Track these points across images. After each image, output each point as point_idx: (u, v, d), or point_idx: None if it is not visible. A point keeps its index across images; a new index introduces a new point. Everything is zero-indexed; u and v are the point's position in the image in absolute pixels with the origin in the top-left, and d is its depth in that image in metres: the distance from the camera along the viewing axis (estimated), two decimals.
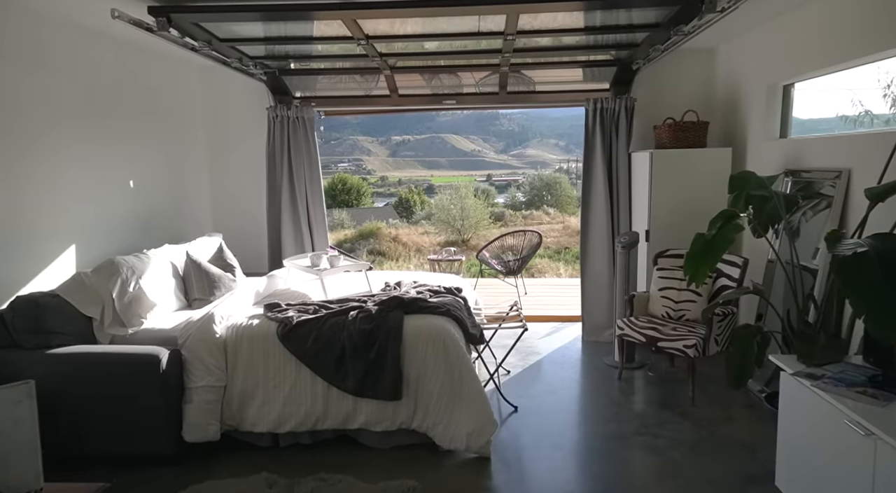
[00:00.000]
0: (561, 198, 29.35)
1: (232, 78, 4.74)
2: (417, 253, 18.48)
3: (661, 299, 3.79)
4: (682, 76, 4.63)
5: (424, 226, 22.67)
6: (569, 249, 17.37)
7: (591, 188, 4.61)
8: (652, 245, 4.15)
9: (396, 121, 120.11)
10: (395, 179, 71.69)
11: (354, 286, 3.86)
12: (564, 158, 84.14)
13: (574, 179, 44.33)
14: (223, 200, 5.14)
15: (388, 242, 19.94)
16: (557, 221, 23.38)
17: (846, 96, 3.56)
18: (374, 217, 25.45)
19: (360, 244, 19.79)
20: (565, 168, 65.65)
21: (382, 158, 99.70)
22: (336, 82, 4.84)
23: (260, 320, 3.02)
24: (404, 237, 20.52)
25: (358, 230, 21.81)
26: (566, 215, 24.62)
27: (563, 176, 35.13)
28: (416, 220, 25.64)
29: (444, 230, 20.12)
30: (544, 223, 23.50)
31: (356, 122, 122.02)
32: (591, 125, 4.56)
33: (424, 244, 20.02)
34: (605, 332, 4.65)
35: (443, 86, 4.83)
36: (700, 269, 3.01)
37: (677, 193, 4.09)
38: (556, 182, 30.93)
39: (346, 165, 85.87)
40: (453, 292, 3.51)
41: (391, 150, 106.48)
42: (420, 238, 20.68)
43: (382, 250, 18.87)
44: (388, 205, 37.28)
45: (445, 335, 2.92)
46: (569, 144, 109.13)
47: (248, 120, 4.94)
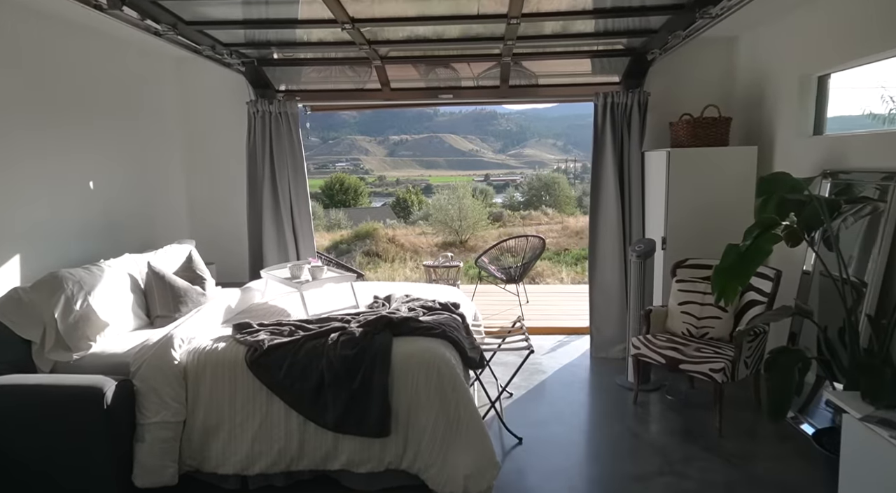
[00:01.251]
0: (560, 198, 29.05)
1: (209, 69, 4.34)
2: (414, 255, 18.11)
3: (682, 315, 3.41)
4: (699, 68, 4.24)
5: (422, 226, 22.36)
6: (568, 250, 17.02)
7: (601, 190, 4.22)
8: (668, 254, 3.77)
9: (394, 120, 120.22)
10: (392, 179, 71.38)
11: (340, 300, 3.46)
12: (562, 158, 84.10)
13: (572, 180, 44.05)
14: (201, 203, 4.74)
15: (384, 243, 19.58)
16: (556, 222, 23.07)
17: (874, 93, 3.20)
18: (371, 217, 25.07)
19: (357, 245, 19.42)
20: (563, 168, 65.49)
21: (380, 158, 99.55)
22: (326, 75, 4.45)
23: (227, 344, 2.62)
24: (401, 238, 20.16)
25: (354, 231, 21.46)
26: (565, 216, 24.32)
27: (561, 176, 34.82)
28: (414, 220, 25.31)
29: (441, 231, 19.79)
30: (543, 224, 23.17)
31: (354, 121, 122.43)
32: (601, 122, 4.17)
33: (422, 245, 19.64)
34: (616, 347, 4.26)
35: (438, 79, 4.44)
36: (731, 285, 2.63)
37: (697, 196, 3.71)
38: (554, 182, 30.62)
39: (343, 164, 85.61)
40: (450, 309, 3.12)
41: (389, 149, 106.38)
42: (417, 239, 20.33)
43: (379, 252, 18.51)
44: (385, 205, 36.89)
45: (440, 361, 2.53)
46: (567, 144, 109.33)
47: (228, 115, 4.54)
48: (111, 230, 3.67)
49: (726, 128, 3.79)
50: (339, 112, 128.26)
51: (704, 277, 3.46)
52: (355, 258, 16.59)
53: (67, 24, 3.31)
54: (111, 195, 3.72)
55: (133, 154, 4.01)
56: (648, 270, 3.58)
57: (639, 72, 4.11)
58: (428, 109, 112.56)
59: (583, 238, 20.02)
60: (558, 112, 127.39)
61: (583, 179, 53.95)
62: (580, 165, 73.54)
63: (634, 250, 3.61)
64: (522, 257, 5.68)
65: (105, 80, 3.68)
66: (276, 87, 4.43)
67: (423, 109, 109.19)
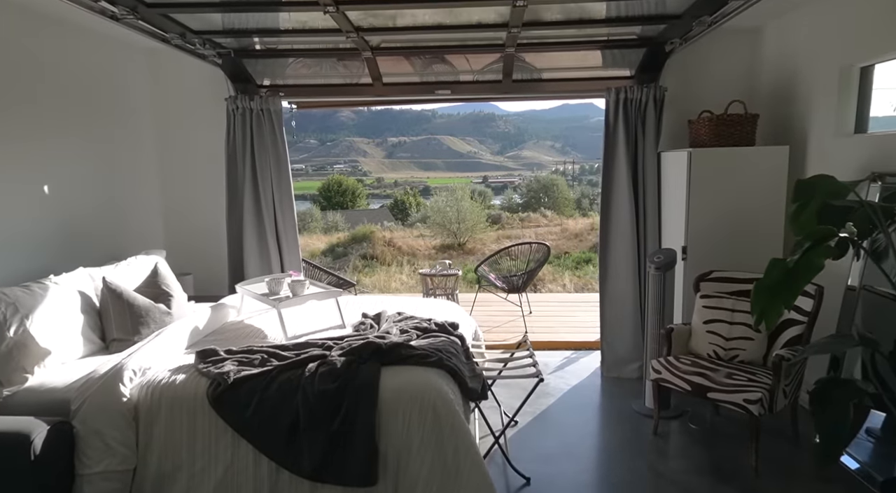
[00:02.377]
0: (558, 200, 28.81)
1: (185, 62, 3.97)
2: (412, 258, 17.77)
3: (708, 335, 3.04)
4: (718, 62, 3.88)
5: (420, 229, 22.06)
6: (569, 253, 16.69)
7: (612, 194, 3.86)
8: (689, 265, 3.41)
9: (392, 122, 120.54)
10: (391, 181, 71.24)
11: (325, 318, 3.09)
12: (560, 160, 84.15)
13: (570, 181, 43.86)
14: (177, 208, 4.36)
15: (381, 246, 19.26)
16: (555, 224, 22.79)
17: None
18: (368, 220, 24.73)
19: (353, 248, 19.08)
20: (562, 170, 65.39)
21: (378, 160, 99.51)
22: (316, 71, 4.08)
23: (187, 375, 2.25)
24: (399, 241, 19.85)
25: (351, 234, 21.14)
26: (564, 218, 24.06)
27: (560, 178, 34.58)
28: (412, 222, 25.01)
29: (439, 233, 19.50)
30: (542, 226, 22.87)
31: (352, 123, 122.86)
32: (613, 119, 3.81)
33: (419, 248, 19.31)
34: (630, 366, 3.89)
35: (435, 74, 4.07)
36: (774, 306, 2.26)
37: (720, 201, 3.35)
38: (553, 184, 30.37)
39: (341, 166, 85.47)
40: (447, 330, 2.74)
41: (387, 151, 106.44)
42: (415, 242, 20.01)
43: (376, 255, 18.18)
44: (383, 207, 36.59)
45: (436, 396, 2.16)
46: (565, 146, 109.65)
47: (207, 113, 4.17)
48: (70, 241, 3.29)
49: (753, 126, 3.43)
50: (337, 113, 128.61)
51: (733, 292, 3.09)
52: (350, 262, 16.22)
53: (20, 9, 2.94)
54: (71, 201, 3.34)
55: (99, 154, 3.63)
56: (668, 283, 3.22)
57: (654, 65, 3.75)
58: (426, 110, 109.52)
59: (582, 241, 19.71)
60: (556, 114, 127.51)
61: (581, 180, 53.85)
62: (578, 166, 73.65)
63: (653, 262, 3.24)
64: (526, 265, 5.31)
65: (63, 71, 3.31)
66: (258, 81, 4.06)
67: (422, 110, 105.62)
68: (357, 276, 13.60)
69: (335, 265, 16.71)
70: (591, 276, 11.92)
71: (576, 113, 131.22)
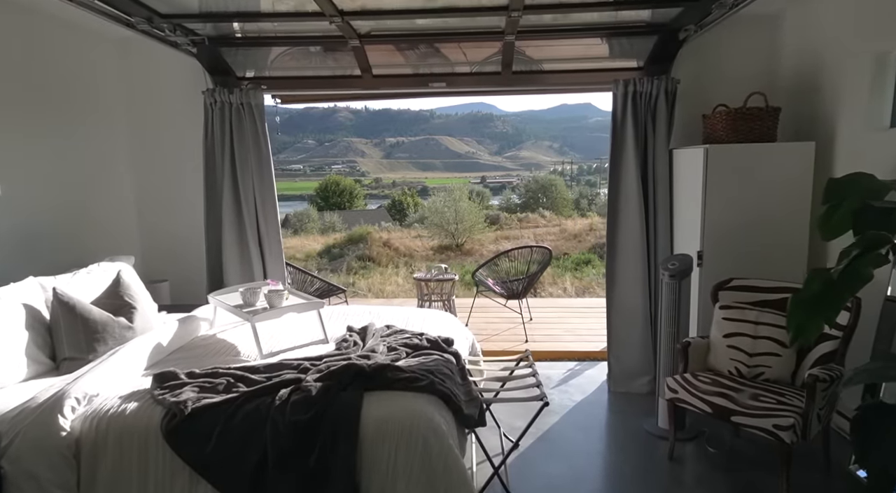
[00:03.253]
0: (557, 200, 28.62)
1: (159, 52, 3.69)
2: (409, 260, 17.52)
3: (728, 350, 2.75)
4: (734, 51, 3.60)
5: (417, 229, 21.83)
6: (568, 254, 16.44)
7: (620, 195, 3.57)
8: (706, 272, 3.12)
9: (390, 122, 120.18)
10: (389, 181, 71.08)
11: (306, 331, 2.80)
12: (559, 161, 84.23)
13: (569, 182, 43.73)
14: (152, 209, 4.07)
15: (378, 247, 19.01)
16: (554, 225, 22.60)
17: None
18: (365, 220, 24.45)
19: (350, 249, 18.81)
20: (560, 170, 65.36)
21: (377, 160, 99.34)
22: (305, 63, 3.79)
23: (140, 403, 1.96)
24: (396, 242, 19.61)
25: (347, 235, 20.89)
26: (562, 218, 23.87)
27: (558, 178, 34.40)
28: (409, 223, 24.79)
29: (437, 234, 19.27)
30: (540, 226, 22.66)
31: (350, 123, 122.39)
32: (620, 114, 3.52)
33: (417, 249, 19.05)
34: (639, 381, 3.61)
35: (428, 66, 3.79)
36: (814, 322, 1.96)
37: (739, 201, 3.07)
38: (551, 184, 30.17)
39: (339, 166, 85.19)
40: (440, 347, 2.46)
41: (385, 151, 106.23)
42: (412, 242, 19.77)
43: (372, 256, 17.93)
44: (381, 207, 36.34)
45: (427, 428, 1.87)
46: (563, 146, 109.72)
47: (184, 107, 3.88)
48: (26, 246, 3.00)
49: (774, 120, 3.15)
50: (336, 114, 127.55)
51: (755, 302, 2.81)
52: (345, 263, 15.94)
53: None
54: (29, 202, 3.04)
55: (64, 151, 3.34)
56: (684, 292, 2.94)
57: (666, 55, 3.47)
58: (424, 110, 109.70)
59: (581, 241, 19.46)
60: (555, 114, 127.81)
61: (579, 181, 53.80)
62: (576, 167, 73.74)
63: (667, 269, 2.96)
64: (527, 269, 5.02)
65: (22, 61, 3.01)
66: (238, 73, 3.77)
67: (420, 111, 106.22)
68: (352, 277, 13.33)
69: (331, 267, 16.45)
70: (591, 278, 11.66)
71: (574, 113, 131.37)
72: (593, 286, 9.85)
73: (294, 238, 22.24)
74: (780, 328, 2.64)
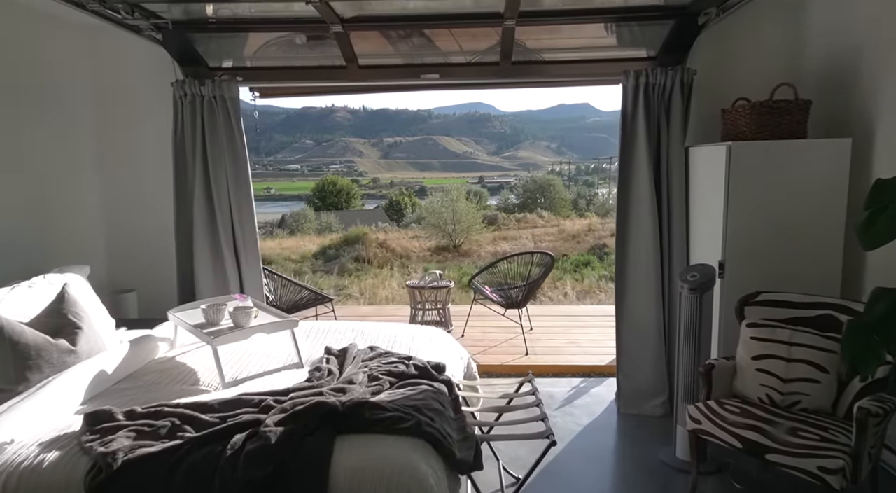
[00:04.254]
0: (555, 201, 28.42)
1: (125, 41, 3.35)
2: (406, 261, 17.23)
3: (758, 374, 2.43)
4: (755, 37, 3.28)
5: (414, 230, 21.55)
6: (567, 256, 16.15)
7: (632, 198, 3.24)
8: (728, 284, 2.80)
9: (388, 122, 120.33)
10: (386, 181, 70.92)
11: (279, 353, 2.46)
12: (556, 161, 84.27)
13: (567, 182, 43.58)
14: (118, 213, 3.72)
15: (374, 248, 18.73)
16: (552, 225, 22.37)
17: None
18: (363, 220, 24.14)
19: (346, 250, 18.51)
20: (557, 170, 65.29)
21: (374, 160, 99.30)
22: (285, 52, 3.46)
23: (63, 453, 1.62)
24: (393, 242, 19.35)
25: (343, 235, 20.60)
26: (561, 219, 23.65)
27: (556, 178, 34.19)
28: (407, 223, 24.53)
29: (434, 235, 19.01)
30: (539, 227, 22.40)
31: (348, 123, 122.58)
32: (631, 109, 3.19)
33: (413, 249, 18.77)
34: (652, 402, 3.28)
35: (420, 56, 3.46)
36: (875, 351, 1.65)
37: (766, 205, 2.74)
38: (549, 184, 29.95)
39: (337, 166, 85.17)
40: (430, 375, 2.12)
41: (383, 151, 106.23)
42: (409, 243, 19.51)
43: (368, 257, 17.65)
44: (378, 207, 36.04)
45: (411, 481, 1.54)
46: (560, 147, 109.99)
47: (154, 101, 3.54)
48: None
49: (804, 114, 2.82)
50: (333, 114, 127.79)
51: (788, 319, 2.48)
52: (339, 265, 15.64)
53: None
54: None
55: (18, 150, 3.00)
56: (706, 307, 2.61)
57: (682, 42, 3.14)
58: (422, 110, 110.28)
59: (580, 242, 19.17)
60: (552, 114, 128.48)
61: (577, 181, 53.65)
62: (574, 167, 73.70)
63: (687, 281, 2.63)
64: (528, 274, 4.69)
65: None
66: (211, 63, 3.43)
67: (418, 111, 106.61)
68: (347, 280, 13.02)
69: (326, 268, 16.14)
70: (591, 281, 11.35)
71: (571, 113, 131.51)
72: (594, 290, 9.53)
73: (290, 239, 21.98)
74: (818, 350, 2.31)
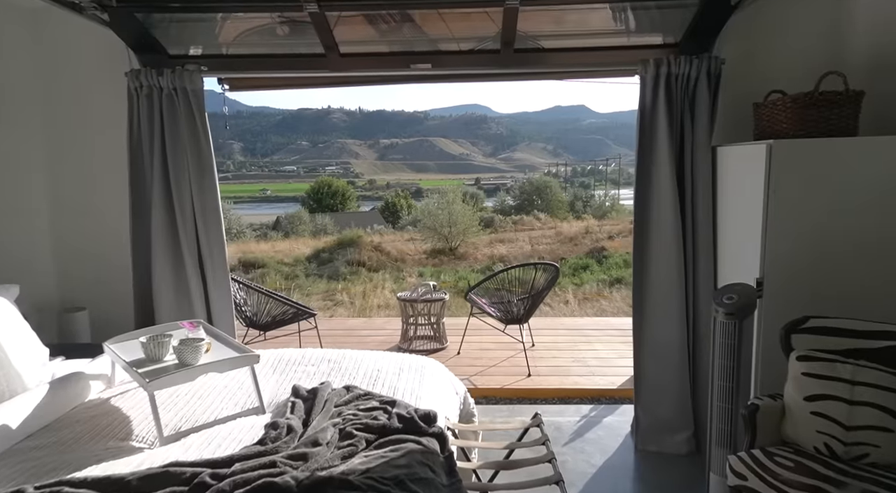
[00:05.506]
0: (552, 203, 28.15)
1: (76, 26, 2.94)
2: (400, 264, 16.87)
3: (813, 419, 2.02)
4: (792, 21, 2.88)
5: (410, 232, 21.21)
6: (565, 259, 15.80)
7: (651, 204, 2.84)
8: (768, 307, 2.39)
9: (385, 124, 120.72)
10: (383, 183, 70.65)
11: (236, 393, 2.04)
12: (553, 162, 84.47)
13: (563, 183, 43.39)
14: (69, 221, 3.30)
15: (369, 251, 18.37)
16: (549, 227, 22.07)
17: None
18: (359, 222, 23.75)
19: (339, 253, 18.13)
20: (554, 172, 65.27)
21: (371, 162, 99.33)
22: (263, 38, 3.05)
23: None
24: (388, 245, 19.00)
25: (337, 238, 20.23)
26: (558, 221, 23.37)
27: (552, 180, 33.92)
28: (402, 225, 24.20)
29: (430, 237, 18.70)
30: (536, 229, 22.09)
31: (344, 124, 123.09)
32: (650, 103, 2.79)
33: (409, 252, 18.41)
34: (675, 438, 2.88)
35: (408, 42, 3.05)
36: None
37: (813, 214, 2.35)
38: (546, 186, 29.69)
39: (333, 168, 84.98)
40: (418, 427, 1.71)
41: (379, 153, 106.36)
42: (405, 246, 19.16)
43: (363, 261, 17.29)
44: (374, 209, 35.68)
45: None
46: (556, 148, 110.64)
47: (107, 95, 3.11)
48: None
49: (856, 108, 2.43)
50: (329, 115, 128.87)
51: (848, 351, 2.08)
52: (330, 270, 15.25)
53: None
54: None
55: None
56: (745, 336, 2.20)
57: (710, 27, 2.75)
58: (419, 112, 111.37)
59: (577, 245, 18.81)
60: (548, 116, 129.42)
61: (573, 182, 53.51)
62: (570, 168, 73.76)
63: (723, 304, 2.22)
64: (529, 289, 4.28)
65: None
66: (171, 50, 3.01)
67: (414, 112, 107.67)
68: (340, 284, 12.62)
69: (319, 272, 15.73)
70: (591, 286, 10.98)
71: (567, 115, 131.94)
72: (597, 298, 9.14)
73: (284, 241, 21.62)
74: (888, 391, 1.91)
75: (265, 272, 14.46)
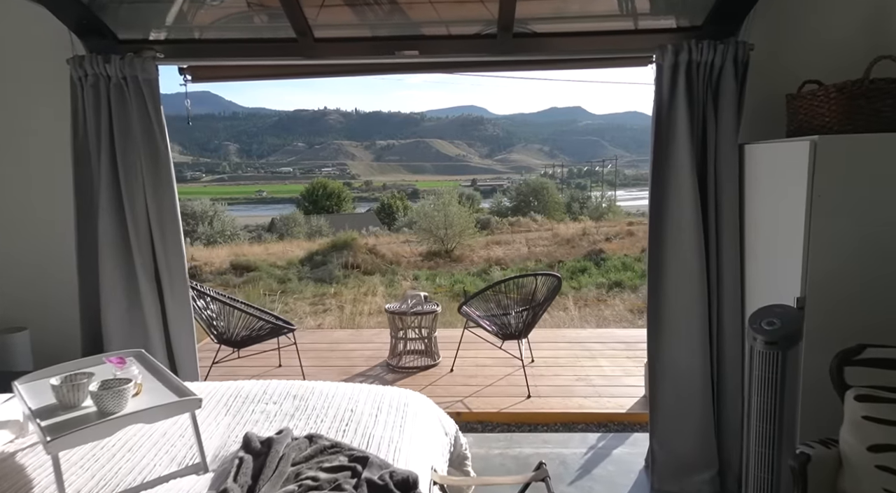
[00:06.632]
0: (549, 204, 28.01)
1: (11, 7, 2.57)
2: (395, 267, 16.55)
3: (879, 474, 1.66)
4: (825, 4, 2.54)
5: (406, 234, 20.92)
6: (563, 262, 15.49)
7: (668, 210, 2.48)
8: (812, 332, 2.03)
9: (381, 125, 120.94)
10: (379, 184, 70.35)
11: (174, 442, 1.67)
12: (549, 164, 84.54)
13: (559, 184, 43.25)
14: (7, 229, 2.92)
15: (363, 253, 18.05)
16: (546, 229, 21.83)
17: None
18: (354, 224, 23.40)
19: (333, 256, 17.79)
20: (550, 173, 65.13)
21: (367, 163, 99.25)
22: (230, 22, 2.70)
23: None
24: (383, 247, 18.69)
25: (331, 240, 19.89)
26: (554, 222, 23.15)
27: (549, 181, 33.76)
28: (398, 227, 23.92)
29: (426, 239, 18.44)
30: (532, 231, 21.84)
31: (340, 126, 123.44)
32: (668, 94, 2.43)
33: (404, 255, 18.10)
34: (697, 477, 2.51)
35: (390, 26, 2.69)
36: None
37: (868, 223, 1.99)
38: (542, 187, 29.56)
39: (330, 169, 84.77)
40: None
41: (376, 154, 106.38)
42: (400, 248, 18.86)
43: (357, 263, 16.98)
44: (369, 211, 35.31)
45: None
46: (553, 150, 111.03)
47: (49, 86, 2.74)
48: None
49: None
50: (326, 116, 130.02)
51: None
52: (321, 273, 14.90)
53: None
54: None
55: None
56: (790, 369, 1.84)
57: (736, 8, 2.39)
58: (415, 113, 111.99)
59: (574, 247, 18.50)
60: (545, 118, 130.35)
61: (569, 184, 53.37)
62: (566, 170, 73.72)
63: (762, 331, 1.86)
64: (529, 301, 3.91)
65: None
66: (120, 35, 2.64)
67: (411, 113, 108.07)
68: (334, 287, 12.26)
69: (313, 275, 15.37)
70: (589, 290, 10.65)
71: (564, 116, 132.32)
72: (599, 305, 8.79)
73: (278, 243, 21.31)
74: None
75: (258, 276, 14.12)
